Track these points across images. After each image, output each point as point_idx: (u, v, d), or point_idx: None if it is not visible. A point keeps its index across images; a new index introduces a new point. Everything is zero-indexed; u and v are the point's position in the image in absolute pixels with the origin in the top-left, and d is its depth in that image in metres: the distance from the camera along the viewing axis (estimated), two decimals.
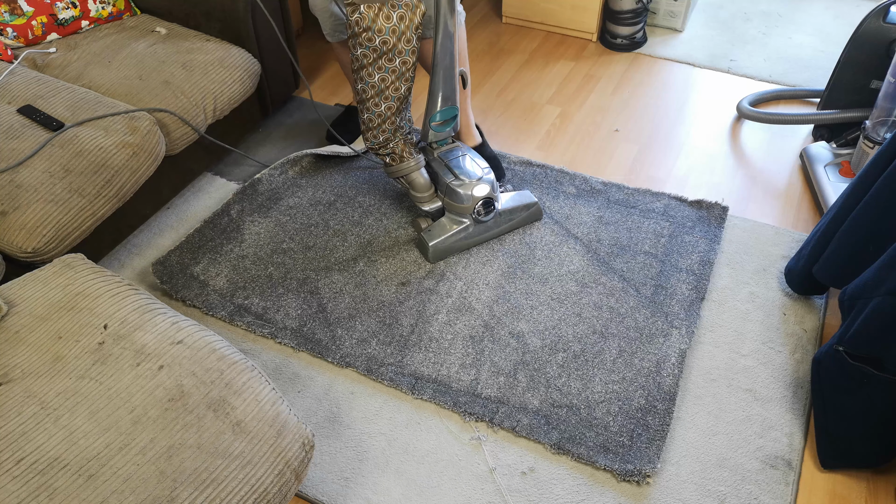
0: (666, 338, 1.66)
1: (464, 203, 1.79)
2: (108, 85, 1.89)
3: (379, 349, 1.66)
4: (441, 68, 1.67)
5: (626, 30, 2.67)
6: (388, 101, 1.69)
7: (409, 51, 1.61)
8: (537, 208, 1.94)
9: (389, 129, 1.75)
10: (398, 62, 1.62)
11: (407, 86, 1.69)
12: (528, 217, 1.94)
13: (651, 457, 1.44)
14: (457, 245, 1.86)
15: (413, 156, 1.82)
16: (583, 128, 2.35)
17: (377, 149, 1.81)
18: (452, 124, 1.84)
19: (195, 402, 1.13)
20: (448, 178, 1.80)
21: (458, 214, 1.83)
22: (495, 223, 1.88)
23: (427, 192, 1.87)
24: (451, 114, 1.80)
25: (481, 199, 1.78)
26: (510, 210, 1.89)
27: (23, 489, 1.01)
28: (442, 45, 1.63)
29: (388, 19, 1.53)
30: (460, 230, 1.84)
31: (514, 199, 1.91)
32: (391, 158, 1.83)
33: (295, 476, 1.15)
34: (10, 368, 1.16)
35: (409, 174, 1.84)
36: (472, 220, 1.83)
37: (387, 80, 1.64)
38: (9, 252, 1.55)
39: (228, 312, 1.75)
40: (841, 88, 2.10)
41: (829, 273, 1.58)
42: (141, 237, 1.98)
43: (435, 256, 1.85)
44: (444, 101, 1.74)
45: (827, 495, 1.42)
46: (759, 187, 2.10)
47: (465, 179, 1.78)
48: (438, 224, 1.86)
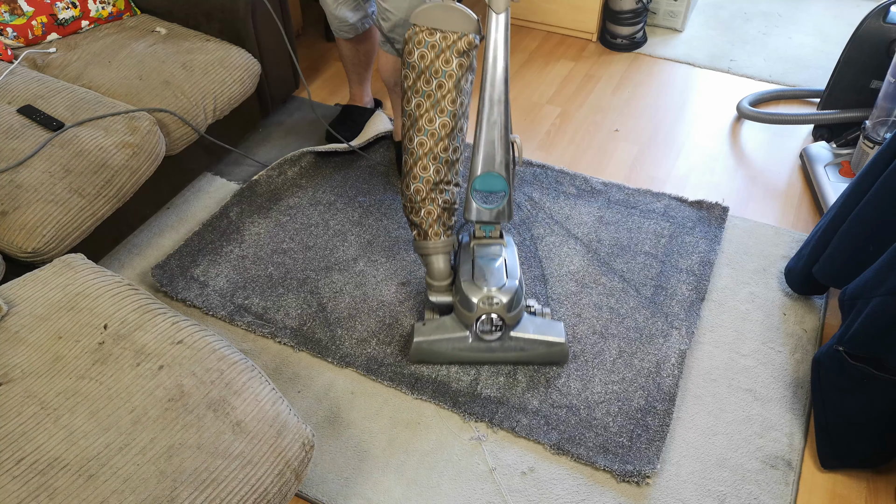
0: (666, 338, 1.66)
1: (469, 311, 1.51)
2: (108, 85, 1.89)
3: (379, 349, 1.66)
4: (483, 119, 1.45)
5: (626, 30, 2.67)
6: (420, 135, 1.51)
7: (446, 73, 1.47)
8: (562, 350, 1.57)
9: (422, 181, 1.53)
10: (434, 85, 1.48)
11: (442, 120, 1.50)
12: (548, 356, 1.58)
13: (650, 457, 1.44)
14: (446, 353, 1.58)
15: (440, 236, 1.57)
16: (583, 128, 2.35)
17: (407, 209, 1.60)
18: (500, 204, 1.53)
19: (195, 402, 1.13)
20: (464, 277, 1.53)
21: (461, 321, 1.56)
22: (501, 347, 1.56)
23: (442, 281, 1.60)
24: (495, 186, 1.50)
25: (486, 313, 1.49)
26: (525, 340, 1.55)
27: (23, 489, 1.01)
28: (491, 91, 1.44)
29: (430, 34, 1.46)
30: (456, 339, 1.56)
31: (539, 328, 1.57)
32: (417, 232, 1.59)
33: (295, 476, 1.15)
34: (10, 368, 1.16)
35: (428, 256, 1.59)
36: (472, 334, 1.56)
37: (422, 105, 1.50)
38: (9, 252, 1.55)
39: (228, 312, 1.75)
40: (841, 88, 2.10)
41: (829, 273, 1.58)
42: (141, 237, 1.98)
43: (415, 355, 1.59)
44: (483, 165, 1.48)
45: (827, 495, 1.42)
46: (759, 187, 2.10)
47: (481, 284, 1.50)
48: (438, 322, 1.58)
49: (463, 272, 1.55)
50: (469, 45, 1.46)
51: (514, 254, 1.61)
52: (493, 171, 1.49)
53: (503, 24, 1.41)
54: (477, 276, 1.52)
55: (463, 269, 1.56)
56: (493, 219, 1.56)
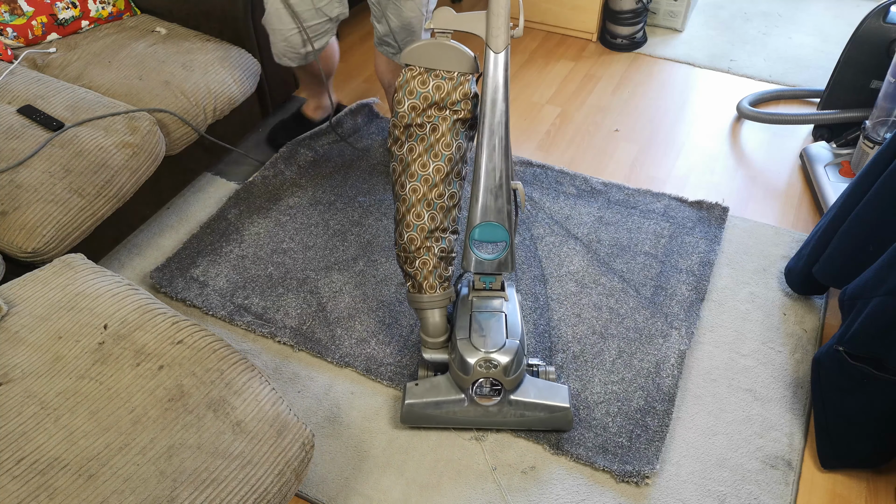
0: (665, 339, 1.66)
1: (465, 373, 1.40)
2: (108, 85, 1.89)
3: (378, 349, 1.66)
4: (484, 162, 1.35)
5: (626, 30, 2.67)
6: (413, 181, 1.40)
7: (439, 117, 1.38)
8: (565, 416, 1.46)
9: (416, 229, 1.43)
10: (428, 128, 1.39)
11: (436, 164, 1.40)
12: (550, 421, 1.47)
13: (650, 458, 1.44)
14: (439, 417, 1.47)
15: (436, 289, 1.45)
16: (583, 128, 2.35)
17: (401, 259, 1.49)
18: (501, 255, 1.43)
19: (195, 402, 1.13)
20: (461, 333, 1.42)
21: (456, 382, 1.45)
22: (499, 412, 1.45)
23: (437, 337, 1.49)
24: (495, 236, 1.40)
25: (483, 377, 1.39)
26: (526, 404, 1.45)
27: (23, 489, 1.01)
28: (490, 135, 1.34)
29: (423, 84, 1.37)
30: (451, 402, 1.45)
31: (541, 392, 1.46)
32: (412, 284, 1.48)
33: (295, 476, 1.15)
34: (10, 368, 1.16)
35: (423, 311, 1.48)
36: (468, 398, 1.45)
37: (414, 149, 1.40)
38: (9, 252, 1.55)
39: (228, 312, 1.75)
40: (841, 88, 2.10)
41: (829, 273, 1.58)
42: (141, 237, 1.98)
43: (406, 417, 1.47)
44: (481, 214, 1.38)
45: (827, 495, 1.42)
46: (759, 187, 2.10)
47: (477, 343, 1.39)
48: (431, 382, 1.48)
49: (459, 329, 1.44)
50: (464, 97, 1.37)
51: (517, 308, 1.51)
52: (493, 221, 1.39)
53: (502, 63, 1.30)
54: (474, 334, 1.41)
55: (460, 324, 1.45)
56: (493, 270, 1.45)
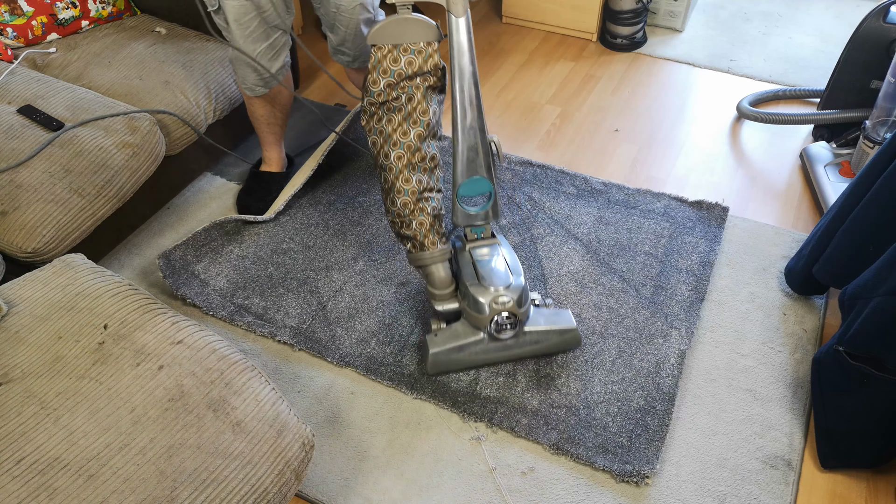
0: (665, 338, 1.66)
1: (481, 313, 1.50)
2: (108, 85, 1.89)
3: (378, 349, 1.66)
4: (461, 125, 1.45)
5: (626, 30, 2.67)
6: (396, 149, 1.50)
7: (412, 87, 1.47)
8: (575, 335, 1.59)
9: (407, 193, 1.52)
10: (404, 98, 1.47)
11: (416, 131, 1.49)
12: (562, 344, 1.60)
13: (650, 458, 1.44)
14: (464, 360, 1.57)
15: (437, 245, 1.56)
16: (583, 128, 2.35)
17: (397, 225, 1.58)
18: (487, 205, 1.55)
19: (195, 402, 1.13)
20: (469, 280, 1.52)
21: (473, 324, 1.55)
22: (517, 344, 1.56)
23: (445, 289, 1.58)
24: (482, 189, 1.52)
25: (501, 312, 1.50)
26: (539, 332, 1.56)
27: (23, 489, 1.01)
28: (462, 98, 1.43)
29: (395, 62, 1.44)
30: (472, 343, 1.55)
31: (549, 318, 1.58)
32: (411, 244, 1.58)
33: (295, 476, 1.15)
34: (10, 368, 1.17)
35: (428, 266, 1.57)
36: (487, 335, 1.55)
37: (393, 120, 1.49)
38: (9, 252, 1.55)
39: (228, 312, 1.75)
40: (841, 88, 2.10)
41: (829, 273, 1.58)
42: (141, 237, 1.98)
43: (434, 367, 1.56)
44: (468, 169, 1.49)
45: (827, 495, 1.42)
46: (759, 187, 2.10)
47: (489, 286, 1.49)
48: (450, 329, 1.56)
49: (466, 276, 1.53)
50: (434, 66, 1.45)
51: (511, 250, 1.61)
52: (477, 175, 1.50)
53: (464, 27, 1.38)
54: (482, 277, 1.51)
55: (465, 273, 1.54)
56: (482, 220, 1.57)
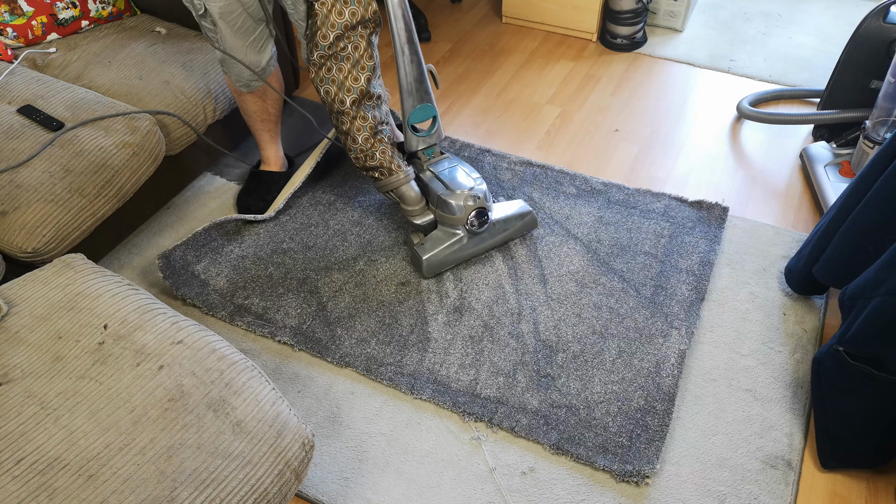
0: (665, 338, 1.66)
1: (456, 214, 1.75)
2: (108, 85, 1.89)
3: (378, 349, 1.66)
4: (402, 61, 1.66)
5: (626, 30, 2.67)
6: (350, 94, 1.66)
7: (357, 35, 1.61)
8: (532, 217, 1.90)
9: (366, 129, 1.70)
10: (350, 48, 1.62)
11: (365, 74, 1.66)
12: (523, 227, 1.90)
13: (650, 458, 1.44)
14: (451, 257, 1.81)
15: (402, 168, 1.77)
16: (583, 128, 2.35)
17: (361, 160, 1.76)
18: (435, 128, 1.80)
19: (195, 402, 1.13)
20: (439, 190, 1.76)
21: (451, 226, 1.79)
22: (489, 234, 1.84)
23: (418, 204, 1.81)
24: (429, 113, 1.76)
25: (474, 209, 1.74)
26: (504, 220, 1.85)
27: (23, 489, 1.01)
28: (400, 38, 1.63)
29: (340, 14, 1.57)
30: (454, 242, 1.79)
31: (508, 208, 1.87)
32: (379, 173, 1.77)
33: (295, 476, 1.15)
34: (10, 368, 1.17)
35: (399, 187, 1.78)
36: (465, 232, 1.79)
37: (343, 69, 1.63)
38: (9, 252, 1.55)
39: (228, 312, 1.75)
40: (841, 88, 2.10)
41: (829, 273, 1.58)
42: (141, 237, 1.98)
43: (429, 270, 1.80)
44: (415, 99, 1.71)
45: (827, 495, 1.42)
46: (759, 187, 2.10)
47: (457, 190, 1.74)
48: (432, 237, 1.81)
49: (436, 188, 1.76)
50: (375, 14, 1.62)
51: (461, 160, 1.85)
52: (424, 102, 1.73)
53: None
54: (450, 185, 1.75)
55: (433, 186, 1.77)
56: (433, 141, 1.82)
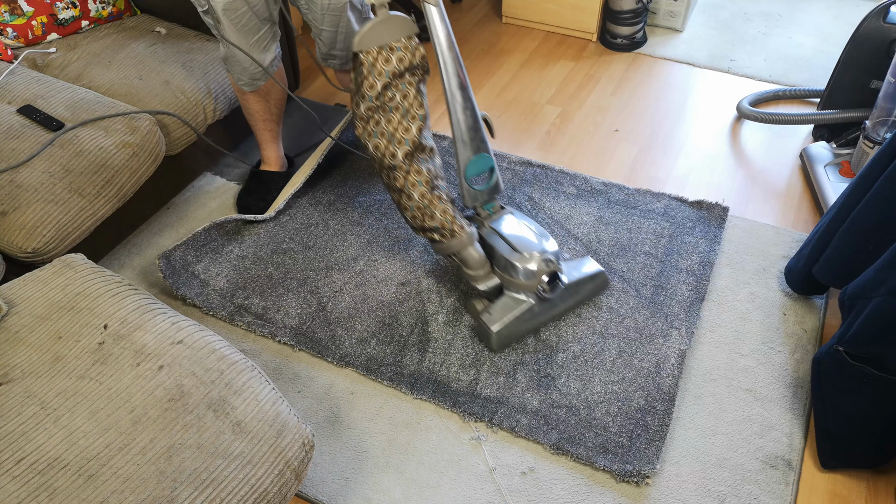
0: (665, 338, 1.66)
1: (527, 280, 1.57)
2: (108, 85, 1.89)
3: (378, 349, 1.66)
4: (455, 108, 1.54)
5: (626, 30, 2.67)
6: (402, 146, 1.54)
7: (405, 83, 1.52)
8: (604, 278, 1.72)
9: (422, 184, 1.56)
10: (398, 97, 1.52)
11: (417, 125, 1.54)
12: (595, 289, 1.72)
13: (650, 458, 1.44)
14: (522, 327, 1.63)
15: (465, 228, 1.60)
16: (583, 128, 2.35)
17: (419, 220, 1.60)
18: (492, 181, 1.64)
19: (195, 402, 1.13)
20: (506, 252, 1.58)
21: (519, 292, 1.61)
22: (560, 298, 1.65)
23: (483, 268, 1.62)
24: (486, 165, 1.61)
25: (546, 273, 1.56)
26: (575, 283, 1.66)
27: (23, 489, 1.01)
28: (450, 85, 1.51)
29: (387, 62, 1.48)
30: (525, 310, 1.60)
31: (578, 268, 1.69)
32: (440, 234, 1.60)
33: (295, 476, 1.15)
34: (10, 368, 1.17)
35: (463, 251, 1.61)
36: (535, 298, 1.60)
37: (392, 120, 1.53)
38: (9, 252, 1.55)
39: (228, 312, 1.75)
40: (841, 88, 2.10)
41: (829, 273, 1.58)
42: (141, 237, 1.98)
43: (500, 344, 1.61)
44: (471, 149, 1.58)
45: (827, 495, 1.42)
46: (759, 187, 2.10)
47: (526, 252, 1.57)
48: (499, 305, 1.61)
49: (502, 250, 1.59)
50: (422, 57, 1.52)
51: (524, 215, 1.69)
52: (481, 153, 1.59)
53: (437, 15, 1.47)
54: (518, 247, 1.58)
55: (498, 248, 1.60)
56: (491, 195, 1.67)
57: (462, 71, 1.52)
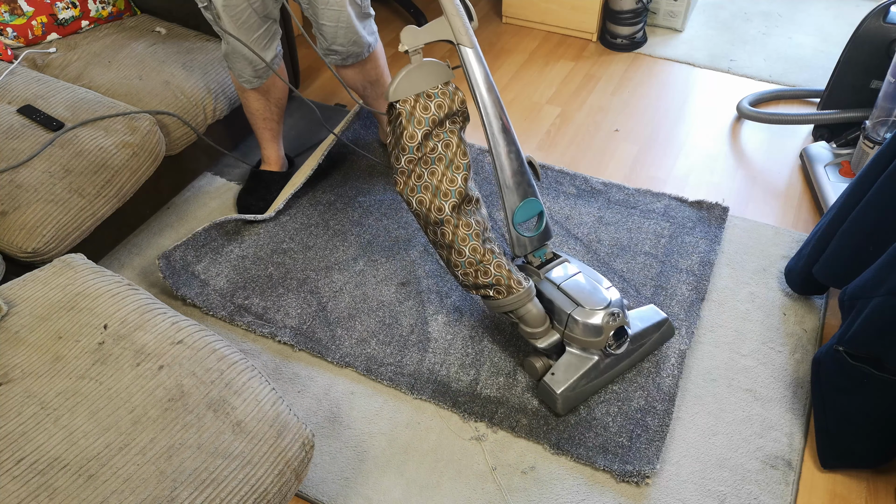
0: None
1: (598, 335, 1.45)
2: (108, 85, 1.89)
3: (378, 349, 1.66)
4: (500, 153, 1.45)
5: (626, 30, 2.67)
6: (448, 199, 1.43)
7: (447, 132, 1.43)
8: (669, 326, 1.61)
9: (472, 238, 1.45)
10: (441, 147, 1.42)
11: (462, 174, 1.44)
12: (660, 339, 1.60)
13: (650, 458, 1.44)
14: (588, 388, 1.51)
15: (522, 284, 1.47)
16: (583, 128, 2.35)
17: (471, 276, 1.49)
18: (542, 226, 1.53)
19: (195, 402, 1.13)
20: (566, 307, 1.47)
21: (583, 349, 1.50)
22: (627, 352, 1.53)
23: (542, 325, 1.51)
24: (534, 210, 1.51)
25: (613, 328, 1.46)
26: (642, 333, 1.55)
27: (23, 489, 1.01)
28: (492, 128, 1.43)
29: (425, 110, 1.39)
30: (590, 369, 1.49)
31: (642, 318, 1.57)
32: (495, 291, 1.48)
33: (295, 476, 1.15)
34: (10, 368, 1.17)
35: (523, 307, 1.48)
36: (600, 354, 1.50)
37: (436, 172, 1.43)
38: (9, 252, 1.55)
39: (228, 312, 1.75)
40: (841, 88, 2.10)
41: (829, 273, 1.58)
42: (141, 237, 1.98)
43: (565, 407, 1.49)
44: (518, 195, 1.48)
45: (827, 495, 1.42)
46: (759, 187, 2.10)
47: (589, 307, 1.45)
48: (563, 364, 1.49)
49: (561, 304, 1.48)
50: (462, 103, 1.44)
51: (579, 261, 1.59)
52: (528, 197, 1.49)
53: (473, 57, 1.40)
54: (581, 300, 1.47)
55: (557, 301, 1.49)
56: (541, 241, 1.56)
57: (504, 114, 1.44)
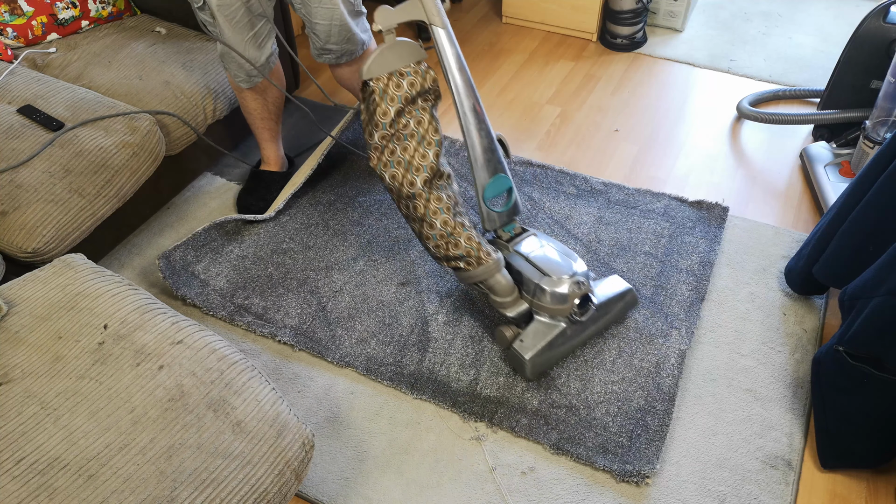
0: (665, 338, 1.66)
1: (564, 303, 1.51)
2: (108, 85, 1.89)
3: (378, 349, 1.66)
4: (470, 130, 1.50)
5: (626, 30, 2.67)
6: (420, 173, 1.49)
7: (419, 109, 1.49)
8: (633, 296, 1.67)
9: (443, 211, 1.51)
10: (413, 123, 1.48)
11: (434, 150, 1.50)
12: (624, 308, 1.67)
13: (650, 458, 1.44)
14: (555, 353, 1.57)
15: (491, 255, 1.53)
16: (583, 128, 2.35)
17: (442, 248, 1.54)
18: (511, 201, 1.60)
19: (195, 402, 1.13)
20: (534, 276, 1.53)
21: (551, 317, 1.56)
22: (591, 319, 1.60)
23: (511, 295, 1.57)
24: (504, 186, 1.57)
25: (578, 296, 1.51)
26: (606, 302, 1.61)
27: (23, 489, 1.01)
28: (463, 107, 1.48)
29: (398, 87, 1.45)
30: (557, 335, 1.55)
31: (606, 288, 1.64)
32: (465, 263, 1.54)
33: (295, 476, 1.15)
34: (10, 368, 1.17)
35: (492, 277, 1.54)
36: (567, 322, 1.56)
37: (408, 148, 1.48)
38: (9, 252, 1.55)
39: (228, 312, 1.75)
40: (841, 88, 2.10)
41: (829, 273, 1.58)
42: (141, 237, 1.98)
43: (534, 371, 1.55)
44: (488, 171, 1.53)
45: (827, 495, 1.42)
46: (759, 187, 2.10)
47: (554, 275, 1.52)
48: (531, 332, 1.55)
49: (529, 274, 1.54)
50: (434, 82, 1.49)
51: (546, 235, 1.64)
52: (498, 174, 1.54)
53: (445, 37, 1.45)
54: (547, 270, 1.53)
55: (526, 272, 1.55)
56: (511, 217, 1.62)
57: (474, 93, 1.48)
